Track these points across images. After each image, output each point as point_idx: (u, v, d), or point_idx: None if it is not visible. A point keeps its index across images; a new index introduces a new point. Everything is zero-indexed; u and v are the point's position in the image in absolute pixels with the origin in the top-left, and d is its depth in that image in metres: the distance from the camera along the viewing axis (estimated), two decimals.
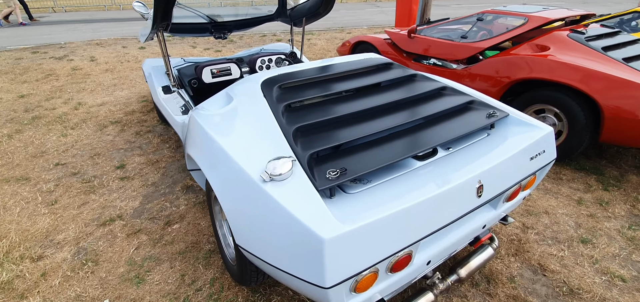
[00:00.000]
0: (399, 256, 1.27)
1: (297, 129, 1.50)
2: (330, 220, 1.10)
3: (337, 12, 14.74)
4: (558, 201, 2.61)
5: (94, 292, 1.86)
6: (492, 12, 3.90)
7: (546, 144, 1.72)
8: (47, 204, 2.58)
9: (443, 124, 1.64)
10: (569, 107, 2.85)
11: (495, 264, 2.03)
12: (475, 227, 1.62)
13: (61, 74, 5.63)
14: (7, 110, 4.24)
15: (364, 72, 2.07)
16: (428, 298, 1.64)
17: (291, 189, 1.22)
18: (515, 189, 1.67)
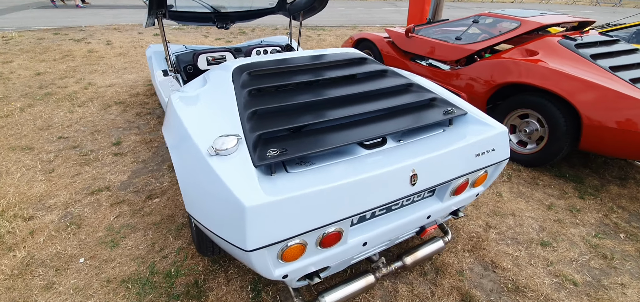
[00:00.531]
0: (326, 231, 1.37)
1: (254, 112, 1.61)
2: (256, 191, 1.21)
3: (353, 9, 14.75)
4: (528, 204, 2.63)
5: (72, 251, 2.05)
6: (488, 14, 3.89)
7: (497, 142, 1.77)
8: (45, 172, 2.81)
9: (398, 117, 1.70)
10: (550, 113, 2.85)
11: (448, 257, 2.10)
12: (417, 216, 1.69)
13: (77, 55, 5.96)
14: (23, 86, 4.55)
15: (336, 65, 2.14)
16: (368, 280, 1.73)
17: (232, 163, 1.34)
18: (461, 183, 1.73)
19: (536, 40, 3.25)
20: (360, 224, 1.58)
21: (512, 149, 3.22)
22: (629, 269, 2.08)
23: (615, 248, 2.24)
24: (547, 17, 3.54)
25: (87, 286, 1.83)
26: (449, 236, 2.06)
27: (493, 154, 1.77)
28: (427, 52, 4.10)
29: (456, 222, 2.40)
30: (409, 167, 1.48)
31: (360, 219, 1.58)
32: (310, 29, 9.39)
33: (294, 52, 2.32)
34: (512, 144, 3.24)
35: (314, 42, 7.80)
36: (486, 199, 2.67)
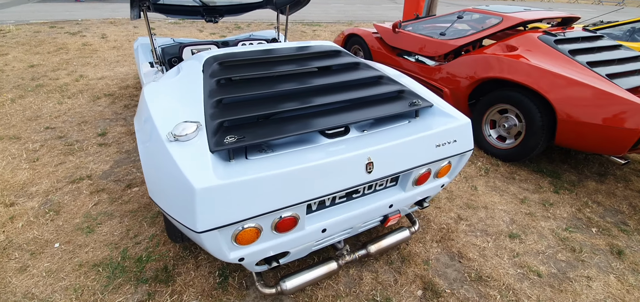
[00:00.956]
0: (280, 216, 1.40)
1: (219, 101, 1.65)
2: (207, 174, 1.25)
3: (351, 6, 14.72)
4: (502, 198, 2.66)
5: (49, 236, 2.11)
6: (472, 10, 3.91)
7: (459, 134, 1.80)
8: (29, 160, 2.86)
9: (363, 108, 1.72)
10: (527, 108, 2.87)
11: (416, 246, 2.14)
12: (379, 205, 1.72)
13: (72, 48, 6.02)
14: (16, 78, 4.61)
15: (308, 57, 2.16)
16: (331, 266, 1.77)
17: (189, 148, 1.37)
18: (423, 173, 1.76)
19: (517, 35, 3.26)
20: (319, 211, 1.62)
21: (491, 144, 3.24)
22: (597, 262, 2.11)
23: (585, 242, 2.27)
24: (529, 13, 3.55)
25: (59, 269, 1.89)
26: (417, 226, 2.09)
27: (455, 145, 1.80)
28: (413, 48, 4.12)
29: (427, 213, 2.43)
30: (364, 155, 1.51)
31: (319, 206, 1.61)
32: (306, 24, 9.41)
33: (268, 44, 2.34)
34: (491, 139, 3.27)
35: (308, 37, 7.82)
36: (461, 192, 2.70)
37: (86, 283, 1.81)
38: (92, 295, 1.74)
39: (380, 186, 1.77)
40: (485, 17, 3.73)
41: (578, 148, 2.71)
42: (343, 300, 1.78)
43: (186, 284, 1.82)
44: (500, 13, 3.55)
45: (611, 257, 2.14)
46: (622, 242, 2.27)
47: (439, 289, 1.86)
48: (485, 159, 3.20)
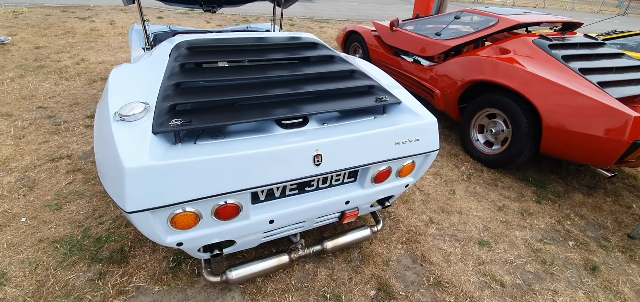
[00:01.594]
0: (220, 203, 1.38)
1: (177, 84, 1.63)
2: (141, 155, 1.24)
3: (365, 5, 14.60)
4: (479, 204, 2.58)
5: (18, 211, 2.15)
6: (469, 11, 3.80)
7: (423, 133, 1.74)
8: (15, 137, 2.94)
9: (326, 101, 1.67)
10: (513, 113, 2.77)
11: (379, 246, 2.09)
12: (334, 200, 1.68)
13: (79, 32, 6.15)
14: (20, 58, 4.75)
15: (282, 48, 2.10)
16: (282, 259, 1.75)
17: (132, 129, 1.36)
18: (382, 170, 1.71)
19: (511, 38, 3.16)
20: (267, 201, 1.59)
21: (478, 149, 3.15)
22: (567, 276, 2.02)
23: (558, 255, 2.17)
24: (528, 15, 3.43)
25: (20, 242, 1.92)
26: (380, 225, 2.05)
27: (417, 144, 1.74)
28: (408, 47, 4.04)
29: (398, 214, 2.38)
30: (312, 147, 1.47)
31: (268, 197, 1.58)
32: (314, 21, 9.37)
33: (244, 32, 2.32)
34: (478, 144, 3.17)
35: (314, 33, 7.78)
36: (437, 195, 2.63)
37: (42, 258, 1.83)
38: (45, 270, 1.77)
39: (337, 180, 1.73)
40: (481, 18, 3.62)
41: (564, 157, 2.60)
42: (292, 294, 1.75)
43: (139, 267, 1.83)
44: (496, 14, 3.44)
45: (584, 273, 2.05)
46: (599, 258, 2.16)
47: (393, 291, 1.81)
48: (470, 164, 3.11)
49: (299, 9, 11.28)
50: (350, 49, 5.38)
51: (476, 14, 3.70)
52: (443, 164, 3.08)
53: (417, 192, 2.64)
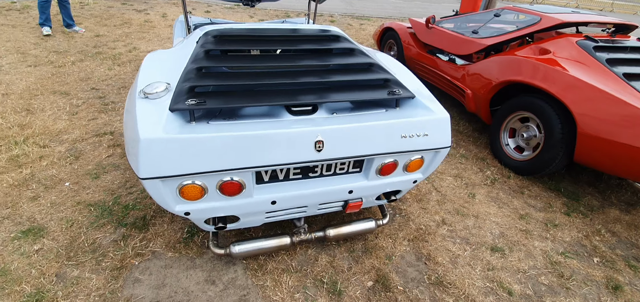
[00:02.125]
0: (224, 179, 1.47)
1: (199, 68, 1.76)
2: (156, 128, 1.37)
3: (409, 2, 14.25)
4: (500, 210, 2.46)
5: (63, 176, 2.44)
6: (511, 8, 3.60)
7: (433, 128, 1.71)
8: (70, 113, 3.31)
9: (336, 91, 1.69)
10: (547, 117, 2.60)
11: (384, 240, 2.09)
12: (337, 188, 1.72)
13: (134, 23, 6.71)
14: (82, 45, 5.29)
15: (307, 39, 2.10)
16: (283, 241, 1.82)
17: (153, 105, 1.50)
18: (388, 163, 1.71)
19: (554, 38, 2.95)
20: (271, 183, 1.67)
21: (507, 153, 2.99)
22: (584, 293, 1.88)
23: (579, 270, 2.02)
24: (575, 15, 3.18)
25: (61, 203, 2.19)
26: (386, 219, 2.05)
27: (425, 139, 1.72)
28: (442, 45, 3.92)
29: (408, 212, 2.35)
30: (314, 133, 1.52)
31: (272, 178, 1.66)
32: (355, 18, 9.35)
33: (269, 23, 2.41)
34: (508, 149, 3.01)
35: (352, 31, 7.78)
36: (455, 197, 2.55)
37: (78, 218, 2.07)
38: (78, 228, 2.00)
39: (341, 169, 1.76)
40: (522, 16, 3.41)
41: (600, 168, 2.40)
42: (291, 275, 1.82)
43: (157, 234, 2.00)
44: (539, 12, 3.23)
45: (604, 291, 1.89)
46: (625, 278, 1.98)
47: (391, 285, 1.81)
48: (497, 169, 2.97)
49: (341, 6, 11.30)
50: (386, 47, 5.32)
51: (518, 12, 3.49)
52: (467, 166, 2.97)
53: (433, 192, 2.58)
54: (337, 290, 1.76)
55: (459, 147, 3.27)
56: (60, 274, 1.72)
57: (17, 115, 3.17)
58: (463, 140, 3.42)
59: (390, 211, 2.35)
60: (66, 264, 1.77)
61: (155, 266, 1.81)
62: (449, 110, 4.06)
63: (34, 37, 5.36)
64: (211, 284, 1.74)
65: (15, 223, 2.00)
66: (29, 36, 5.39)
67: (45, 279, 1.69)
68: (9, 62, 4.39)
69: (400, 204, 2.42)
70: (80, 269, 1.75)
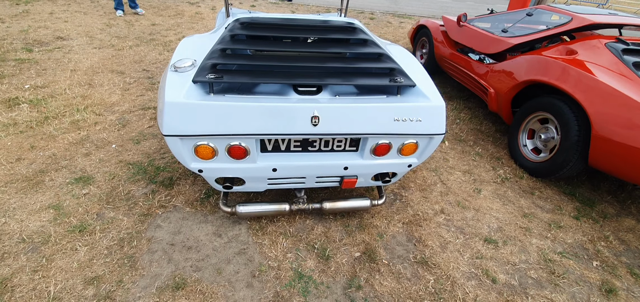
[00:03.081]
0: (231, 143, 1.71)
1: (223, 49, 2.01)
2: (178, 94, 1.64)
3: (459, 2, 13.77)
4: (504, 206, 2.47)
5: (112, 139, 2.87)
6: (543, 8, 3.49)
7: (427, 115, 1.82)
8: (123, 89, 3.80)
9: (341, 76, 1.84)
10: (565, 118, 2.55)
11: (379, 220, 2.23)
12: (333, 164, 1.90)
13: (186, 14, 7.32)
14: (139, 32, 5.93)
15: (325, 29, 2.26)
16: (282, 207, 2.04)
17: (180, 77, 1.78)
18: (381, 144, 1.85)
19: (583, 39, 2.85)
20: (274, 152, 1.89)
21: (523, 154, 2.95)
22: (573, 292, 1.88)
23: (573, 270, 2.01)
24: (610, 17, 3.03)
25: (107, 160, 2.59)
26: (381, 200, 2.18)
27: (418, 124, 1.84)
28: (472, 43, 3.90)
29: (409, 198, 2.45)
30: (311, 109, 1.71)
31: (275, 148, 1.87)
32: (396, 16, 9.31)
33: (295, 15, 2.61)
34: (525, 150, 2.97)
35: (391, 28, 7.80)
36: (459, 190, 2.60)
37: (118, 173, 2.46)
38: (118, 181, 2.38)
39: (338, 146, 1.93)
40: (554, 16, 3.31)
41: (614, 174, 2.32)
42: (287, 238, 2.04)
43: (179, 192, 2.32)
44: (571, 12, 3.12)
45: (596, 293, 1.87)
46: (623, 283, 1.94)
47: (376, 258, 1.95)
48: (511, 169, 2.94)
49: (385, 4, 11.28)
50: (418, 45, 5.33)
51: (550, 11, 3.39)
52: (479, 163, 2.98)
53: (438, 184, 2.65)
54: (325, 255, 1.94)
55: (476, 145, 3.27)
56: (100, 214, 2.09)
57: (81, 88, 3.71)
58: (482, 139, 3.41)
59: (391, 195, 2.47)
60: (106, 207, 2.14)
61: (174, 217, 2.12)
62: (475, 111, 4.02)
63: (101, 23, 6.10)
64: (218, 237, 2.01)
65: (71, 171, 2.43)
66: (97, 22, 6.14)
67: (88, 216, 2.06)
68: (79, 43, 5.07)
69: (403, 191, 2.53)
70: (115, 212, 2.11)
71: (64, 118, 3.10)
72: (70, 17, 6.27)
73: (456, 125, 3.65)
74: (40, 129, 2.91)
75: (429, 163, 2.91)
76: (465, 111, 4.00)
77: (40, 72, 4.02)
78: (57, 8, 6.78)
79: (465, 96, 4.42)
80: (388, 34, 7.31)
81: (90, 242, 1.89)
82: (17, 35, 5.16)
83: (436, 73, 5.06)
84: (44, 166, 2.46)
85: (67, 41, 5.13)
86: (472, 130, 3.56)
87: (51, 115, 3.11)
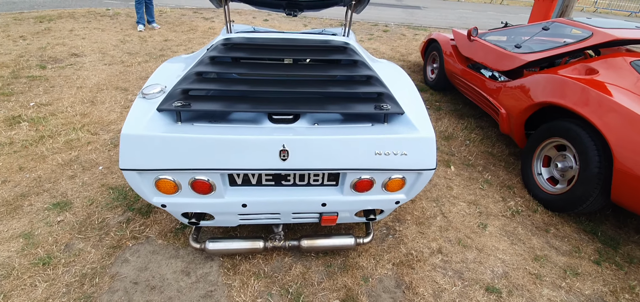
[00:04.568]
0: (194, 177, 1.57)
1: (199, 73, 1.89)
2: (137, 125, 1.52)
3: (479, 12, 13.33)
4: (512, 247, 2.19)
5: (100, 161, 2.81)
6: (562, 21, 3.18)
7: (414, 148, 1.61)
8: (123, 107, 3.79)
9: (322, 103, 1.68)
10: (584, 147, 2.25)
11: (366, 260, 2.01)
12: (309, 199, 1.72)
13: (199, 30, 7.40)
14: (151, 48, 6.01)
15: (313, 49, 2.12)
16: (256, 244, 1.88)
17: (146, 104, 1.68)
18: (362, 179, 1.66)
19: (607, 56, 2.55)
20: (243, 186, 1.73)
21: (538, 184, 2.65)
22: None
23: None
24: (637, 31, 2.69)
25: (91, 183, 2.53)
26: (368, 238, 1.98)
27: (404, 158, 1.64)
28: (482, 59, 3.63)
29: (403, 233, 2.22)
30: (279, 142, 1.54)
31: (245, 182, 1.72)
32: (411, 28, 9.07)
33: (284, 34, 2.48)
34: (539, 179, 2.67)
35: (404, 41, 7.57)
36: (462, 225, 2.34)
37: (98, 198, 2.38)
38: (95, 207, 2.29)
39: (316, 180, 1.75)
40: (572, 30, 3.00)
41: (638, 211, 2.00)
42: (260, 280, 1.86)
43: (155, 222, 2.20)
44: (592, 27, 2.81)
45: None
46: None
47: None
48: (523, 200, 2.64)
49: (401, 16, 11.05)
50: (429, 59, 5.08)
51: (568, 25, 3.08)
52: (488, 193, 2.70)
53: (438, 217, 2.40)
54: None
55: (485, 171, 2.99)
56: (69, 245, 2.00)
57: (83, 106, 3.73)
58: (493, 163, 3.12)
59: (384, 229, 2.25)
60: (76, 237, 2.05)
61: (144, 250, 2.00)
62: (488, 131, 3.72)
63: (116, 40, 6.24)
64: (185, 275, 1.86)
65: (51, 196, 2.37)
66: (112, 39, 6.30)
67: (57, 246, 1.97)
68: (91, 60, 5.18)
69: (397, 224, 2.30)
70: (84, 243, 2.01)
71: (59, 137, 3.09)
72: (88, 34, 6.46)
73: (465, 147, 3.37)
74: (33, 148, 2.90)
75: (430, 191, 2.66)
76: (476, 131, 3.71)
77: (47, 90, 4.09)
78: (77, 25, 7.03)
79: (478, 115, 4.13)
80: (400, 46, 7.08)
81: (51, 277, 1.79)
82: (34, 52, 5.34)
83: (447, 89, 4.79)
84: (27, 189, 2.42)
85: (81, 58, 5.25)
86: (483, 154, 3.27)
87: (47, 135, 3.11)
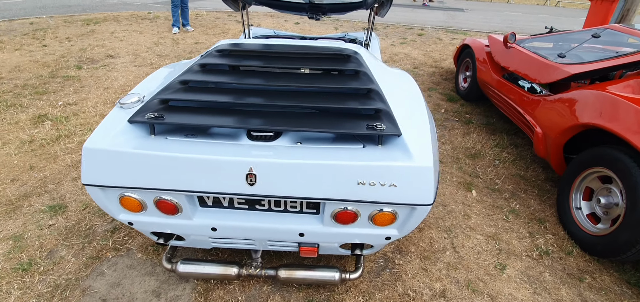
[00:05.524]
0: (159, 197, 1.45)
1: (185, 81, 1.79)
2: (104, 139, 1.43)
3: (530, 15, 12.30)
4: (534, 297, 1.83)
5: None
6: (616, 28, 2.69)
7: (406, 179, 1.37)
8: None
9: (309, 119, 1.51)
10: (632, 181, 1.84)
11: (354, 298, 1.77)
12: (286, 228, 1.54)
13: (230, 33, 7.50)
14: (181, 50, 6.16)
15: (314, 58, 1.96)
16: (229, 270, 1.72)
17: (120, 114, 1.59)
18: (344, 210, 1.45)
19: None
20: (214, 208, 1.58)
21: (575, 220, 2.23)
22: None
23: None
24: None
25: None
26: (357, 274, 1.74)
27: (392, 190, 1.39)
28: (518, 68, 3.20)
29: (403, 269, 1.94)
30: (246, 165, 1.38)
31: (215, 204, 1.57)
32: (449, 32, 8.53)
33: (279, 40, 2.32)
34: (578, 214, 2.25)
35: (440, 46, 7.10)
36: (475, 264, 2.01)
37: (92, 203, 2.36)
38: (87, 212, 2.27)
39: (293, 207, 1.57)
40: (627, 38, 2.51)
41: None
42: None
43: (139, 233, 2.13)
44: None
45: None
46: None
47: None
48: (556, 238, 2.24)
49: (441, 18, 10.49)
50: (462, 67, 4.67)
51: (622, 33, 2.59)
52: (513, 226, 2.32)
53: (448, 251, 2.09)
54: None
55: (513, 199, 2.60)
56: (53, 251, 1.97)
57: (105, 106, 3.84)
58: (524, 190, 2.71)
59: (381, 261, 1.99)
60: (61, 243, 2.03)
61: (122, 263, 1.92)
62: (523, 150, 3.28)
63: (151, 42, 6.48)
64: (156, 296, 1.75)
65: (51, 198, 2.40)
66: (147, 41, 6.55)
67: (41, 252, 1.96)
68: (123, 61, 5.39)
69: (397, 255, 2.03)
70: (67, 250, 1.98)
71: (75, 137, 3.17)
72: (126, 37, 6.79)
73: (493, 168, 2.98)
74: (49, 148, 2.99)
75: (442, 218, 2.34)
76: (509, 150, 3.28)
77: (77, 90, 4.28)
78: (119, 28, 7.43)
79: (513, 131, 3.67)
80: (434, 52, 6.64)
81: (27, 285, 1.76)
82: (75, 53, 5.67)
83: (480, 100, 4.35)
84: (31, 189, 2.47)
85: (115, 59, 5.49)
86: (513, 177, 2.87)
87: (64, 134, 3.21)
